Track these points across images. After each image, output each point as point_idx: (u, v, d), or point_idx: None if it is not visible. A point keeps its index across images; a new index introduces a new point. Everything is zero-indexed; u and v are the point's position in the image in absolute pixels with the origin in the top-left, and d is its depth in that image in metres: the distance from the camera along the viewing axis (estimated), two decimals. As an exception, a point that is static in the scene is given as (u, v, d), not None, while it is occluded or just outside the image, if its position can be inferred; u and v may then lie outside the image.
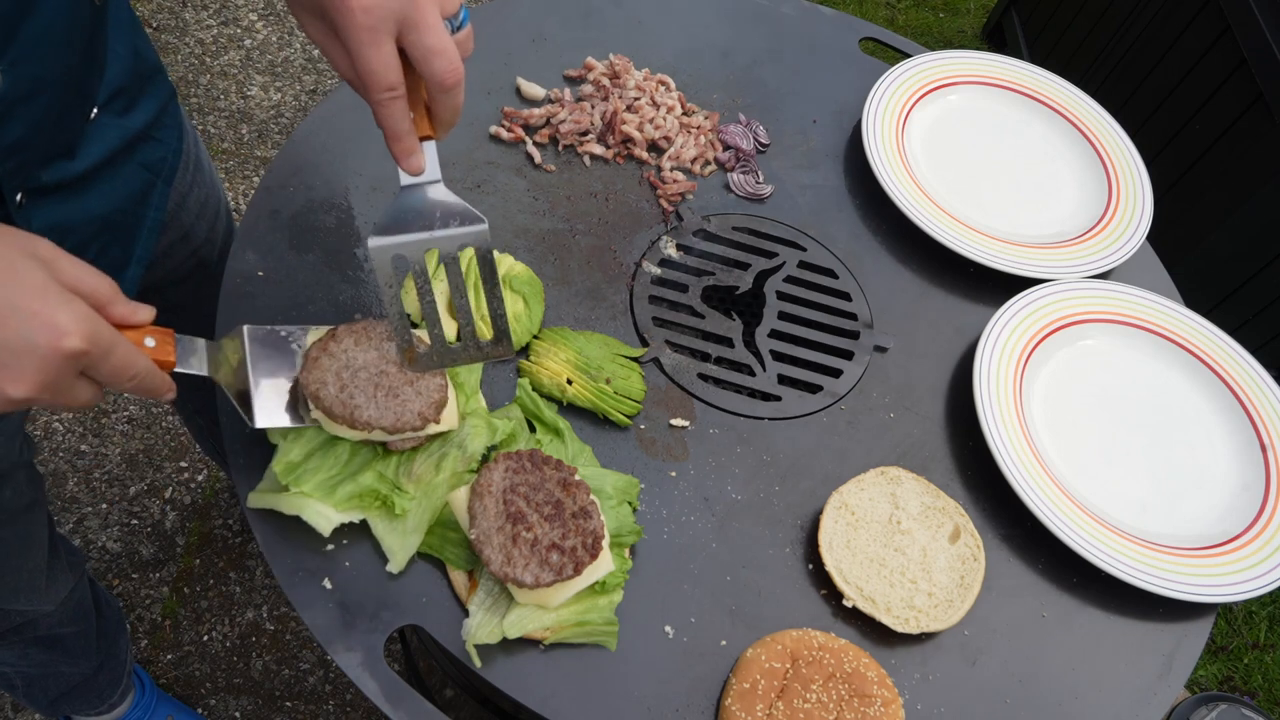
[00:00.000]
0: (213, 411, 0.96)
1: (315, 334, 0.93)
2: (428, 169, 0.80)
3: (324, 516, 0.88)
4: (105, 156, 0.94)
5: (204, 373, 0.81)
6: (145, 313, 0.74)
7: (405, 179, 0.81)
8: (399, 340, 0.85)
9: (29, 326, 0.63)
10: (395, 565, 0.89)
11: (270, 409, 0.88)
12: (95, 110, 0.91)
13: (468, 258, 1.05)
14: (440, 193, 0.82)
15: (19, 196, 0.83)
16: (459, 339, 0.86)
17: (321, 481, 0.88)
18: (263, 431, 0.94)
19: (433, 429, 0.90)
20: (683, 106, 1.32)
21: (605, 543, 0.87)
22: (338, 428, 0.87)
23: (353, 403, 0.86)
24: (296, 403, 0.89)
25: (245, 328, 0.88)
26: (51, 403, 0.68)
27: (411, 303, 1.05)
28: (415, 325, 1.04)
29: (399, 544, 0.89)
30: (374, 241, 0.81)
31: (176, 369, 0.77)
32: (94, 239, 0.95)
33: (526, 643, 0.87)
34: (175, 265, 1.20)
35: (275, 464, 0.88)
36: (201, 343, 0.82)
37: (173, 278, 1.21)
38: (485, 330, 0.99)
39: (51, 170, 0.87)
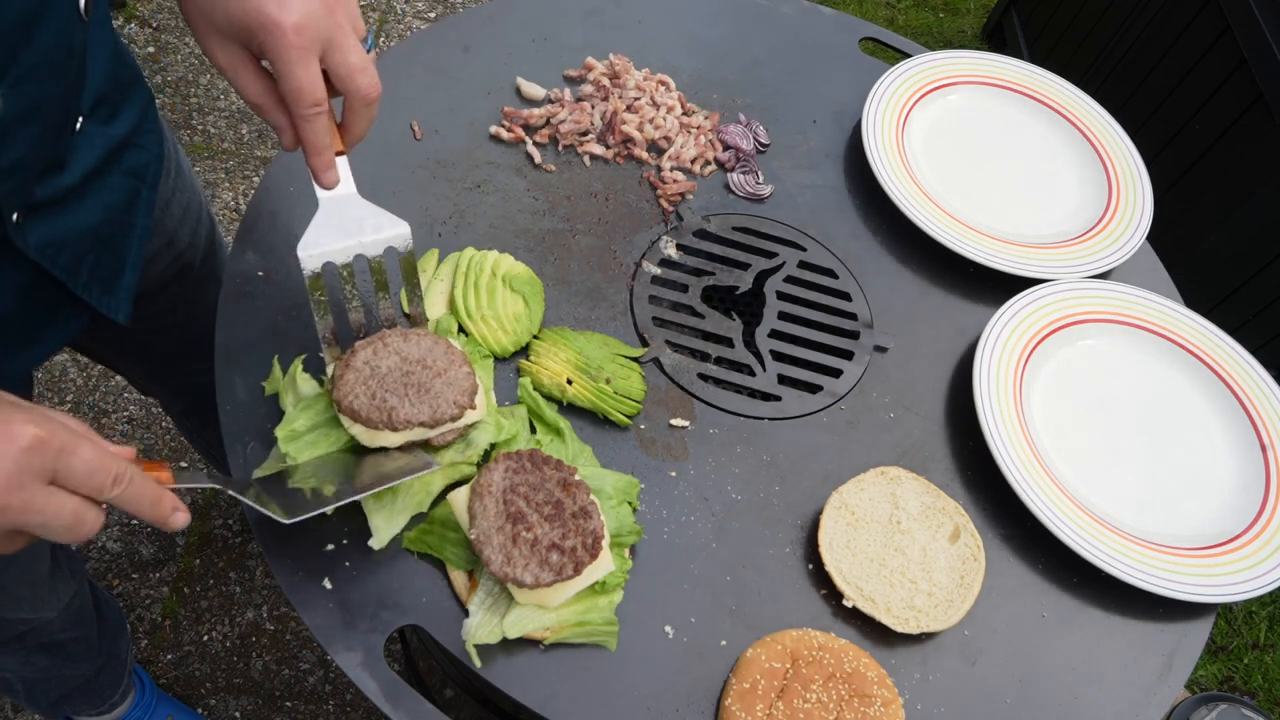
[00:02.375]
0: (204, 413, 0.96)
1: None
2: (343, 182, 0.86)
3: None
4: (93, 167, 0.92)
5: (210, 485, 0.80)
6: (125, 450, 0.71)
7: (322, 193, 0.86)
8: (326, 350, 0.90)
9: None
10: (377, 542, 0.89)
11: (295, 504, 0.83)
12: (81, 120, 0.90)
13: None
14: (359, 202, 0.87)
15: (15, 216, 0.82)
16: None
17: (319, 455, 0.88)
18: (260, 427, 0.94)
19: (471, 417, 0.91)
20: (683, 106, 1.32)
21: (605, 543, 0.87)
22: (379, 435, 0.88)
23: (387, 405, 0.86)
24: (310, 489, 0.86)
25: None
26: (22, 517, 0.62)
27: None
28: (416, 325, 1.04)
29: (384, 522, 0.90)
30: (303, 250, 0.84)
31: (176, 484, 0.74)
32: (88, 252, 0.94)
33: (526, 643, 0.87)
34: (160, 271, 1.19)
35: (279, 430, 0.88)
36: (203, 473, 0.79)
37: (158, 283, 1.20)
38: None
39: (44, 185, 0.85)
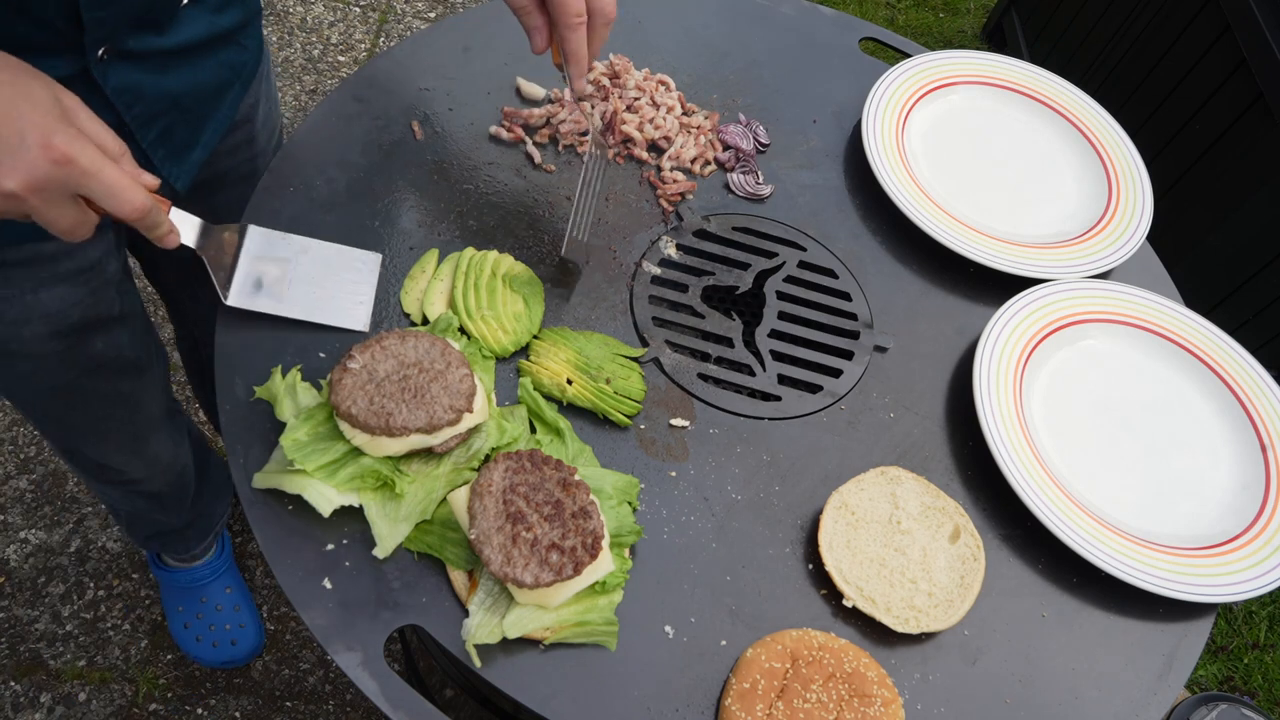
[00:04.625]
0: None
1: (319, 245, 1.04)
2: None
3: (325, 497, 0.88)
4: (190, 43, 1.01)
5: (191, 244, 0.91)
6: (149, 178, 0.81)
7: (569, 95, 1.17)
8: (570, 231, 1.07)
9: (23, 127, 0.71)
10: (381, 550, 0.89)
11: (246, 292, 0.97)
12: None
13: (490, 267, 1.09)
14: None
15: (101, 51, 0.90)
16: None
17: (326, 463, 0.89)
18: (261, 428, 0.94)
19: (469, 421, 0.91)
20: (683, 106, 1.32)
21: (605, 543, 0.87)
22: (379, 442, 0.88)
23: (385, 411, 0.87)
24: (271, 291, 0.98)
25: (250, 225, 0.99)
26: (42, 211, 0.74)
27: (413, 302, 1.06)
28: (415, 324, 1.04)
29: (388, 530, 0.90)
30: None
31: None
32: (163, 114, 1.02)
33: (526, 643, 0.87)
34: (235, 165, 1.27)
35: (284, 439, 0.89)
36: (197, 220, 0.93)
37: (230, 178, 1.27)
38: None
39: (138, 39, 0.94)
